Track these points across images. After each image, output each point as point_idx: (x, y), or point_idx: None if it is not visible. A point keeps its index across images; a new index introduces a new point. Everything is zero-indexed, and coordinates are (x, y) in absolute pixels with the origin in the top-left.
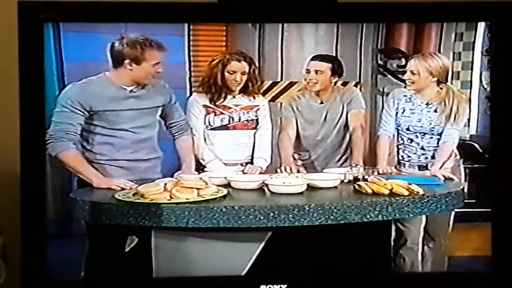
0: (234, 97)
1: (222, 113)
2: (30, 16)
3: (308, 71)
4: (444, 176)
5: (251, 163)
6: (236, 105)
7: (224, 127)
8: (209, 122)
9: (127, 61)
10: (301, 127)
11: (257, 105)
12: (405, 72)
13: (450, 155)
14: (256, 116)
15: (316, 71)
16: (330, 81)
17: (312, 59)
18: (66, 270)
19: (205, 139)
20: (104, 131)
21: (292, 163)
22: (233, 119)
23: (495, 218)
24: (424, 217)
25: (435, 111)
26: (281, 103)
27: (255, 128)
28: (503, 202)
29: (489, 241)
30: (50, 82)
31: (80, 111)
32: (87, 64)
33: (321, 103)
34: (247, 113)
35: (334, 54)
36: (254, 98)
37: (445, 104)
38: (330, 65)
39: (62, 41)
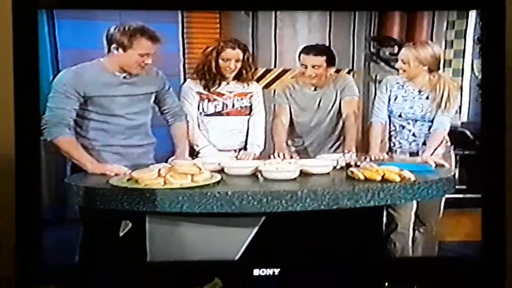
0: (228, 83)
1: (216, 100)
2: (24, 3)
3: (305, 66)
4: (435, 162)
5: (245, 149)
6: (230, 92)
7: (218, 114)
8: (203, 109)
9: (114, 45)
10: (294, 114)
11: (251, 92)
12: (397, 60)
13: (441, 142)
14: (250, 102)
15: (314, 66)
16: (326, 71)
17: (305, 52)
18: (61, 255)
19: (199, 125)
20: (98, 117)
21: (286, 149)
22: (227, 106)
23: (486, 204)
24: (415, 202)
25: (427, 98)
26: (274, 90)
27: (249, 114)
28: (493, 188)
29: (479, 227)
30: (45, 68)
31: (75, 96)
32: (81, 50)
33: (315, 90)
34: (241, 99)
35: (327, 43)
36: (248, 85)
37: (436, 91)
38: (325, 57)
39: (56, 28)
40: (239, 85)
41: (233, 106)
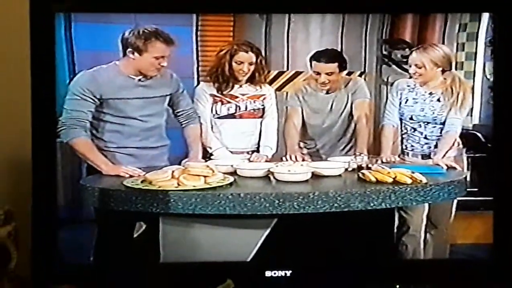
0: (241, 86)
1: (229, 102)
2: (42, 7)
3: (317, 73)
4: (446, 165)
5: (257, 151)
6: (243, 94)
7: (231, 116)
8: (216, 111)
9: (129, 49)
10: (306, 116)
11: (264, 94)
12: (410, 64)
13: (453, 144)
14: (262, 105)
15: (327, 73)
16: (338, 76)
17: (316, 59)
18: (76, 255)
19: (212, 127)
20: (113, 119)
21: (298, 152)
22: (239, 108)
23: (497, 207)
24: (426, 205)
25: (438, 100)
26: (287, 93)
27: (261, 117)
28: (505, 191)
29: (491, 229)
30: (61, 71)
31: (91, 98)
32: (97, 53)
33: (327, 93)
34: (254, 102)
35: (339, 46)
36: (261, 87)
37: (452, 91)
38: (337, 64)
39: (73, 31)
40: (252, 87)
41: (246, 108)
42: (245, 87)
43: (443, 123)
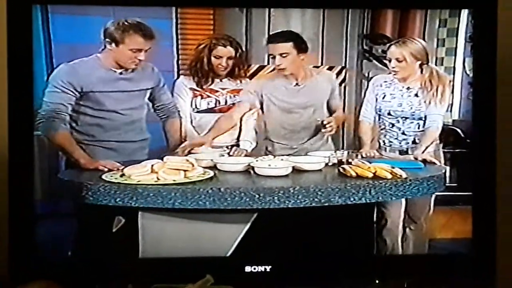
0: (221, 80)
1: (209, 96)
2: None
3: (273, 57)
4: (426, 160)
5: (237, 145)
6: (223, 89)
7: (211, 110)
8: (195, 105)
9: (107, 40)
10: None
11: (243, 89)
12: (390, 59)
13: (434, 140)
14: (242, 100)
15: (281, 54)
16: (297, 58)
17: (270, 41)
18: (54, 250)
19: (191, 121)
20: (93, 112)
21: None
22: (219, 102)
23: (476, 202)
24: (403, 200)
25: (416, 95)
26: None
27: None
28: (484, 185)
29: (470, 224)
30: (39, 63)
31: (71, 91)
32: (75, 46)
33: (297, 85)
34: (234, 96)
35: (320, 40)
36: (241, 82)
37: (430, 85)
38: (292, 43)
39: (51, 23)
40: (232, 81)
41: (225, 103)
42: (225, 81)
43: (421, 119)
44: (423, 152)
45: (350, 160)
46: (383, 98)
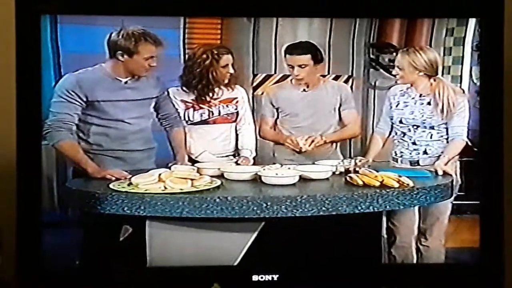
0: (214, 90)
1: (201, 108)
2: (28, 8)
3: (291, 67)
4: (444, 171)
5: (234, 156)
6: (215, 99)
7: (204, 122)
8: (188, 117)
9: (119, 52)
10: (285, 117)
11: (236, 98)
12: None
13: (459, 152)
14: (235, 109)
15: (300, 66)
16: (314, 69)
17: (289, 52)
18: (61, 259)
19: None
20: (99, 122)
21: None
22: (213, 113)
23: (484, 211)
24: (416, 216)
25: (428, 103)
26: (263, 94)
27: (235, 121)
28: (492, 194)
29: (477, 233)
30: (47, 73)
31: (77, 101)
32: (84, 55)
33: (304, 91)
34: (227, 106)
35: (327, 49)
36: (233, 89)
37: (438, 97)
38: (310, 55)
39: (59, 33)
40: (224, 90)
41: (219, 113)
42: (217, 90)
43: (433, 128)
44: (445, 164)
45: (357, 169)
46: (397, 106)
